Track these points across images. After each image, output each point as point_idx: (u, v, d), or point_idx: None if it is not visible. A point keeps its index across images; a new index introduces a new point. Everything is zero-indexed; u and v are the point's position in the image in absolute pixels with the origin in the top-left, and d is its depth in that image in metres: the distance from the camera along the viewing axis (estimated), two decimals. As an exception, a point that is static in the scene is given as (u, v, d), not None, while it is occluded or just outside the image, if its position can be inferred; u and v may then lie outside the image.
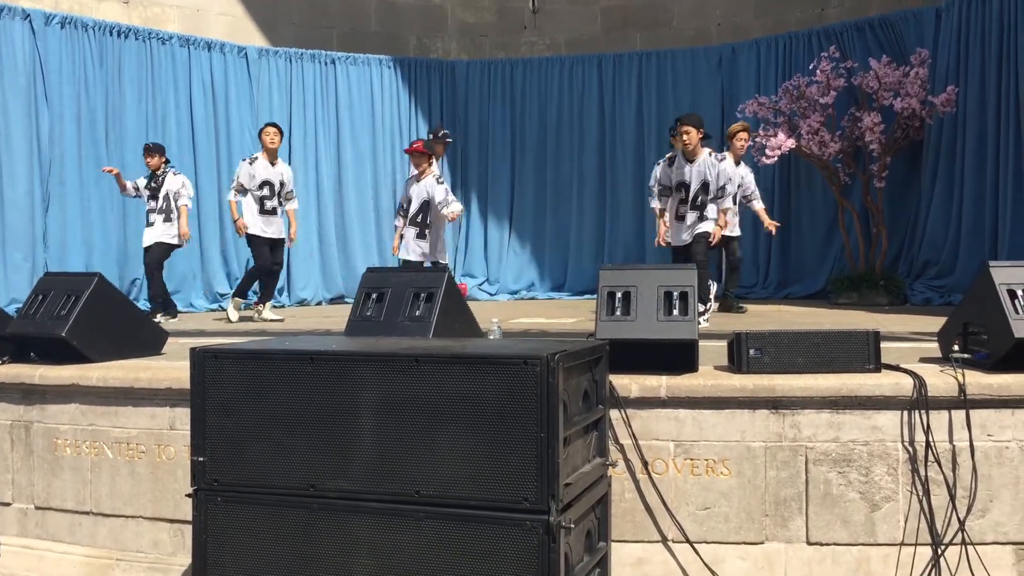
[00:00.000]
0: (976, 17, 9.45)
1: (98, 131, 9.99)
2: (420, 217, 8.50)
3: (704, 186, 7.61)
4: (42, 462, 4.70)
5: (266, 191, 8.50)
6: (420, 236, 8.54)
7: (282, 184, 8.66)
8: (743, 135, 8.78)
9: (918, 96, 9.47)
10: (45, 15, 9.56)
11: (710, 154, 7.72)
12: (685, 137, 7.57)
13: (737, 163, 8.60)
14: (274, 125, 8.79)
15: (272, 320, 8.64)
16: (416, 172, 8.61)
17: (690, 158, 7.65)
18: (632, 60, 12.10)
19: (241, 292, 8.82)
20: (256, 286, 8.99)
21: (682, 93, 11.79)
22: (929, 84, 9.60)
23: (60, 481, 4.66)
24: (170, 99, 10.64)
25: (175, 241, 8.78)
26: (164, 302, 8.85)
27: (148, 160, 8.80)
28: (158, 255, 8.71)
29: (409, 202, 8.57)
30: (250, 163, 8.55)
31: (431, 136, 9.48)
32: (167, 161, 8.92)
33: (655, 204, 8.05)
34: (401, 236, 8.62)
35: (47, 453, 4.69)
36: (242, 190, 8.46)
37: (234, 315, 8.58)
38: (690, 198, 7.66)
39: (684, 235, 7.74)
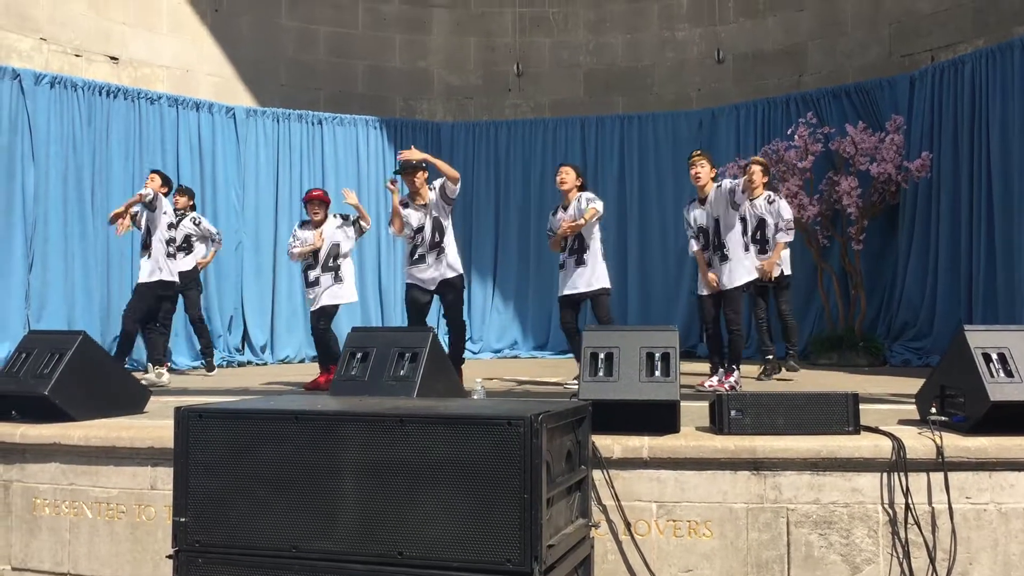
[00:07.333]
0: (948, 85, 9.72)
1: (84, 189, 10.01)
2: None
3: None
4: (20, 522, 4.64)
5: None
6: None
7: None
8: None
9: (894, 161, 9.68)
10: (35, 75, 9.64)
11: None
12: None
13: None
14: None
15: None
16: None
17: None
18: (614, 123, 12.33)
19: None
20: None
21: (663, 155, 12.00)
22: (904, 150, 9.82)
23: (38, 541, 4.61)
24: (157, 157, 10.68)
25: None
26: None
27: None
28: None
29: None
30: None
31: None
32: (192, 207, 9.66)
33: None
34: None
35: (26, 513, 4.64)
36: None
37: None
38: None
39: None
